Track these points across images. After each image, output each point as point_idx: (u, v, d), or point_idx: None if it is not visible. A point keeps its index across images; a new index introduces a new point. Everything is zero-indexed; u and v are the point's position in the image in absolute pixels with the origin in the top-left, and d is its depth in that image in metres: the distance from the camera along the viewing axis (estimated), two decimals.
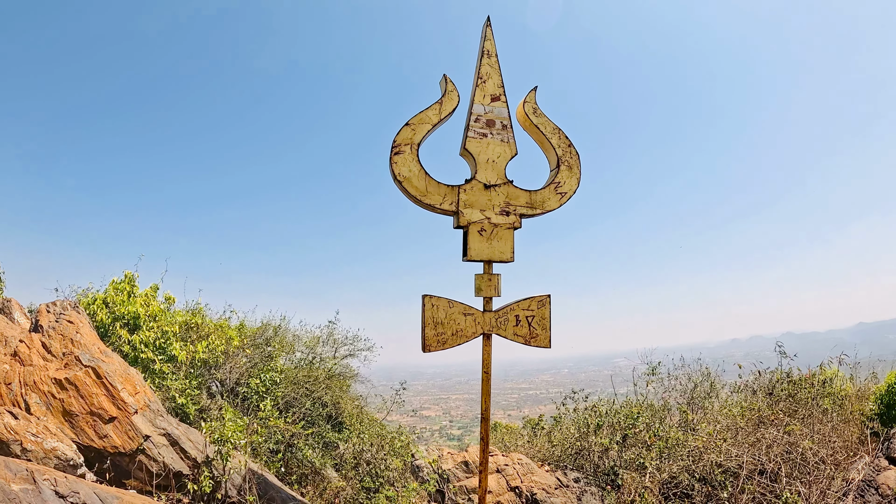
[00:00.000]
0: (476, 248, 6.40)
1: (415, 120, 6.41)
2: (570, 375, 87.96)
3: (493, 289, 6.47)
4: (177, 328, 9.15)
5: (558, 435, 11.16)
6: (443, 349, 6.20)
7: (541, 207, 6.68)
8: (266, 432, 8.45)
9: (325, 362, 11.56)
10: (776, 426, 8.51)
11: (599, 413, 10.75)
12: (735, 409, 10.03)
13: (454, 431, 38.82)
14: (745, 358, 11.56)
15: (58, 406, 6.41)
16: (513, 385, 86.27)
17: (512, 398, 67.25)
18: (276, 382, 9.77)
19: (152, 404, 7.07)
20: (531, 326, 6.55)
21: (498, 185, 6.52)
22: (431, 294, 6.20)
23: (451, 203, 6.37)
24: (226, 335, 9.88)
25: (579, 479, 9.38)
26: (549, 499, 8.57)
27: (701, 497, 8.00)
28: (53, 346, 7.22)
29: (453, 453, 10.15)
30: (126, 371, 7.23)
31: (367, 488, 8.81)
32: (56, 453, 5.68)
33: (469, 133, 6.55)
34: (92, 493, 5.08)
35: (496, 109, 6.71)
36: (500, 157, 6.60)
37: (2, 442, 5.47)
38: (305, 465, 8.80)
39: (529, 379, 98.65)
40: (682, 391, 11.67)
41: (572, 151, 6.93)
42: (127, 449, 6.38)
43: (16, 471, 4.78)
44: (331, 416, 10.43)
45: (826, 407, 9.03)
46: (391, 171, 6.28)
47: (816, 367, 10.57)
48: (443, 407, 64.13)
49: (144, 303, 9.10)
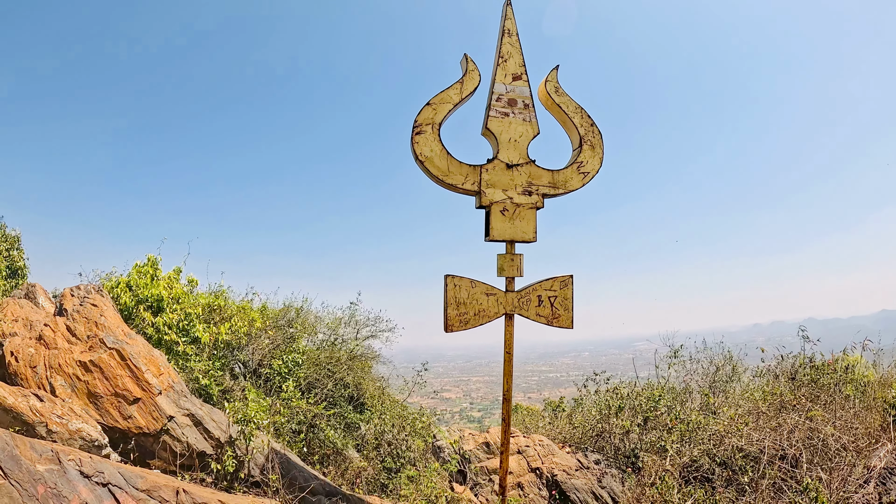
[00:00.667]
0: (498, 228, 6.36)
1: (436, 99, 6.36)
2: (590, 359, 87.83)
3: (516, 269, 6.43)
4: (200, 310, 9.21)
5: (579, 417, 11.15)
6: (465, 329, 6.19)
7: (563, 187, 6.62)
8: (288, 413, 8.51)
9: (346, 343, 11.59)
10: (798, 411, 8.42)
11: (621, 395, 10.72)
12: (757, 393, 9.94)
13: (474, 413, 38.95)
14: (766, 343, 11.45)
15: (83, 388, 6.48)
16: (533, 367, 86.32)
17: (532, 381, 67.33)
18: (298, 364, 9.82)
19: (176, 385, 7.13)
20: (553, 307, 6.51)
21: (520, 165, 6.46)
22: (454, 274, 6.19)
23: (473, 183, 6.33)
24: (248, 317, 9.93)
25: (600, 461, 9.37)
26: (569, 480, 8.57)
27: (721, 481, 7.95)
28: (78, 329, 7.30)
29: (474, 434, 10.18)
30: (150, 353, 7.30)
31: (389, 469, 8.86)
32: (81, 434, 5.75)
33: (491, 112, 6.50)
34: (116, 473, 5.14)
35: (518, 88, 6.64)
36: (523, 137, 6.54)
37: (27, 424, 5.55)
38: (327, 446, 8.85)
39: (549, 362, 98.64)
40: (704, 374, 11.60)
41: (595, 131, 6.85)
42: (151, 429, 6.45)
43: (41, 451, 4.84)
44: (352, 398, 10.48)
45: (848, 393, 8.92)
46: (412, 150, 6.25)
47: (840, 352, 10.43)
48: (463, 389, 64.36)
49: (168, 285, 9.16)
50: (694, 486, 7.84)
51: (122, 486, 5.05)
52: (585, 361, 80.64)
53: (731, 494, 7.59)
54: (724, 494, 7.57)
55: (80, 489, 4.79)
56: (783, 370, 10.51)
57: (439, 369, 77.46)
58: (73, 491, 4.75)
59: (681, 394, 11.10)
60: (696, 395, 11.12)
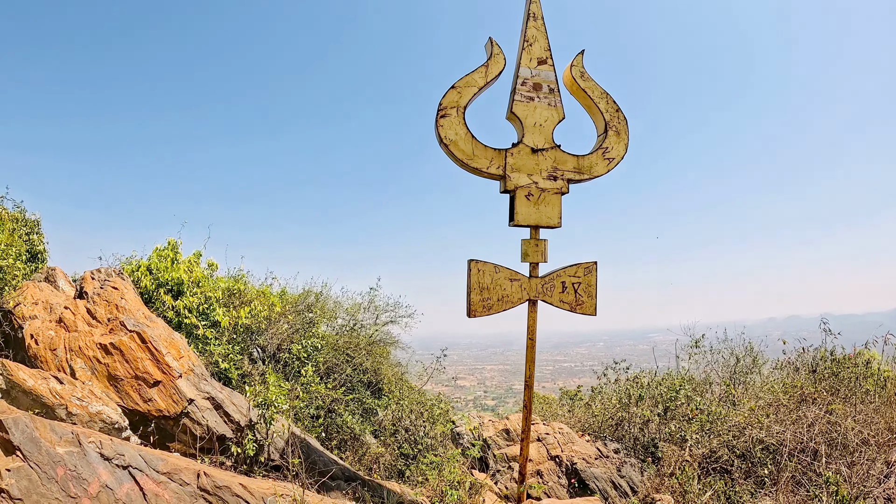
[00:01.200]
0: (523, 212, 6.30)
1: (461, 83, 6.30)
2: (605, 349, 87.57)
3: (540, 254, 6.38)
4: (220, 294, 9.23)
5: (599, 405, 11.10)
6: (488, 315, 6.14)
7: (588, 173, 6.55)
8: (307, 398, 8.52)
9: (365, 329, 11.59)
10: (818, 405, 8.33)
11: (641, 384, 10.65)
12: (777, 385, 9.84)
13: (488, 402, 38.99)
14: (782, 337, 11.34)
15: (103, 371, 6.50)
16: (548, 357, 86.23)
17: (547, 370, 67.25)
18: (317, 348, 9.83)
19: (196, 368, 7.14)
20: (577, 293, 6.46)
21: (545, 150, 6.39)
22: (478, 259, 6.13)
23: (497, 167, 6.27)
24: (268, 301, 9.95)
25: (619, 450, 9.31)
26: (588, 468, 8.52)
27: (740, 473, 7.89)
28: (98, 311, 7.32)
29: (494, 421, 10.16)
30: (170, 336, 7.31)
31: (406, 455, 8.86)
32: (101, 417, 5.76)
33: (516, 96, 6.43)
34: (137, 455, 5.14)
35: (543, 73, 6.56)
36: (548, 121, 6.47)
37: (47, 406, 5.56)
38: (345, 431, 8.86)
39: (564, 351, 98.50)
40: (725, 365, 11.51)
41: (620, 116, 6.77)
42: (171, 412, 6.47)
43: (61, 434, 4.85)
44: (371, 383, 10.49)
45: (868, 388, 8.82)
46: (437, 134, 6.19)
47: (861, 345, 10.32)
48: (478, 377, 64.45)
49: (188, 269, 9.18)
50: (713, 477, 7.78)
51: (142, 469, 5.06)
52: (600, 352, 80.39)
53: (750, 486, 7.53)
54: (744, 486, 7.51)
55: (100, 471, 4.80)
56: (804, 363, 10.41)
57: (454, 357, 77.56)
58: (93, 473, 4.75)
59: (701, 384, 11.02)
60: (715, 386, 11.04)
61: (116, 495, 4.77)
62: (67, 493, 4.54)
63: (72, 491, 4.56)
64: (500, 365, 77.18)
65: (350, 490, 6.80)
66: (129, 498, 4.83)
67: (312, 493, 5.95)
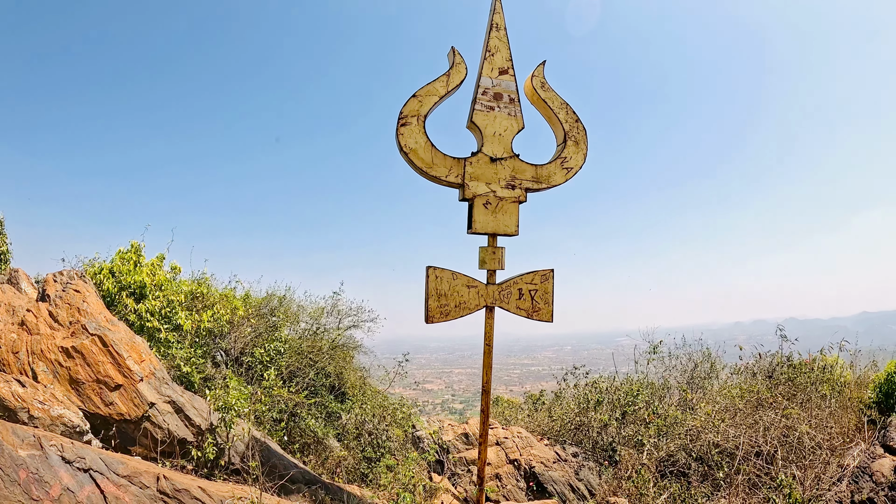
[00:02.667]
0: (481, 220, 6.42)
1: (422, 92, 6.40)
2: (572, 353, 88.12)
3: (497, 262, 6.50)
4: (182, 297, 9.20)
5: (558, 410, 11.26)
6: (446, 321, 6.25)
7: (546, 182, 6.69)
8: (270, 401, 8.54)
9: (329, 333, 11.61)
10: (774, 409, 8.56)
11: (600, 389, 10.84)
12: (734, 390, 10.09)
13: (456, 405, 39.03)
14: (747, 341, 11.62)
15: (64, 374, 6.47)
16: (515, 361, 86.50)
17: (514, 374, 67.48)
18: (280, 352, 9.84)
19: (157, 372, 7.13)
20: (534, 300, 6.59)
21: (504, 159, 6.52)
22: (435, 266, 6.24)
23: (456, 175, 6.39)
24: (231, 305, 9.93)
25: (578, 454, 9.47)
26: (547, 472, 8.67)
27: (697, 476, 8.08)
28: (60, 314, 7.27)
29: (454, 425, 10.26)
30: (132, 339, 7.29)
31: (369, 458, 8.91)
32: (63, 420, 5.75)
33: (476, 106, 6.55)
34: (98, 459, 5.16)
35: (504, 83, 6.69)
36: (507, 131, 6.60)
37: (9, 409, 5.54)
38: (308, 435, 8.89)
39: (532, 355, 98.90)
40: (683, 371, 11.76)
41: (579, 127, 6.92)
42: (132, 416, 6.46)
43: (23, 437, 4.86)
44: (334, 387, 10.51)
45: (825, 393, 9.08)
46: (397, 142, 6.29)
47: (818, 352, 10.61)
48: (445, 381, 64.42)
49: (151, 272, 9.13)
50: (670, 480, 7.96)
51: (103, 472, 5.08)
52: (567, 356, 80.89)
53: (706, 489, 7.72)
54: (700, 489, 7.69)
55: (62, 475, 4.81)
56: (761, 368, 10.68)
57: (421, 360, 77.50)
58: (55, 476, 4.77)
59: (659, 389, 11.25)
60: (674, 390, 11.27)
61: (77, 498, 4.79)
62: (30, 495, 4.55)
63: (34, 494, 4.57)
64: (468, 368, 77.26)
65: (310, 493, 6.85)
66: (90, 501, 4.85)
67: (271, 496, 6.00)
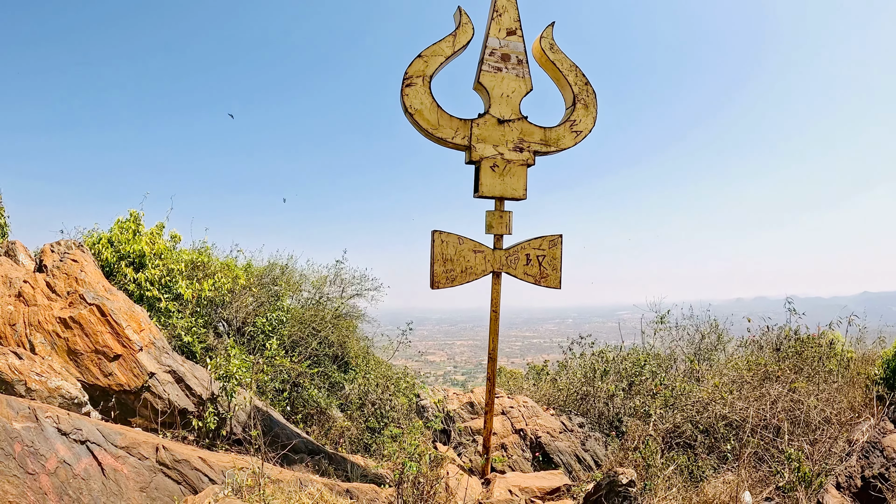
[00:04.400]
0: (488, 184, 6.27)
1: (427, 52, 6.22)
2: (574, 326, 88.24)
3: (505, 226, 6.37)
4: (183, 266, 9.06)
5: (564, 379, 11.18)
6: (451, 286, 6.13)
7: (555, 145, 6.52)
8: (272, 371, 8.45)
9: (331, 302, 11.50)
10: (781, 382, 8.46)
11: (606, 359, 10.74)
12: (741, 362, 9.98)
13: (458, 377, 39.16)
14: (748, 317, 11.50)
15: (62, 345, 6.37)
16: (517, 333, 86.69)
17: (515, 346, 67.63)
18: (282, 322, 9.73)
19: (157, 342, 7.02)
20: (541, 266, 6.46)
21: (512, 121, 6.35)
22: (441, 230, 6.09)
23: (463, 137, 6.23)
24: (232, 274, 9.81)
25: (584, 425, 9.40)
26: (553, 442, 8.59)
27: (703, 448, 8.00)
28: (58, 285, 7.14)
29: (459, 394, 10.18)
30: (131, 309, 7.17)
31: (372, 429, 8.84)
32: (60, 392, 5.65)
33: (483, 67, 6.38)
34: (95, 430, 5.06)
35: (512, 44, 6.50)
36: (515, 93, 6.43)
37: (6, 382, 5.45)
38: (311, 405, 8.82)
39: (534, 328, 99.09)
40: (690, 342, 11.65)
41: (589, 90, 6.74)
42: (132, 386, 6.36)
43: (18, 409, 4.75)
44: (337, 357, 10.43)
45: (831, 368, 8.98)
46: (402, 103, 6.14)
47: (826, 326, 10.50)
48: (448, 352, 64.63)
49: (150, 241, 8.99)
50: (676, 451, 7.88)
51: (100, 444, 4.98)
52: (569, 328, 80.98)
53: (712, 461, 7.64)
54: (707, 461, 7.61)
55: (58, 447, 4.72)
56: (768, 341, 10.56)
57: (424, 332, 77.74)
58: (51, 449, 4.67)
59: (666, 360, 11.16)
60: (680, 362, 11.18)
61: (74, 471, 4.70)
62: (25, 469, 4.45)
63: (29, 467, 4.48)
64: (470, 340, 77.51)
65: (313, 463, 6.77)
66: (87, 473, 4.76)
67: (274, 466, 5.91)
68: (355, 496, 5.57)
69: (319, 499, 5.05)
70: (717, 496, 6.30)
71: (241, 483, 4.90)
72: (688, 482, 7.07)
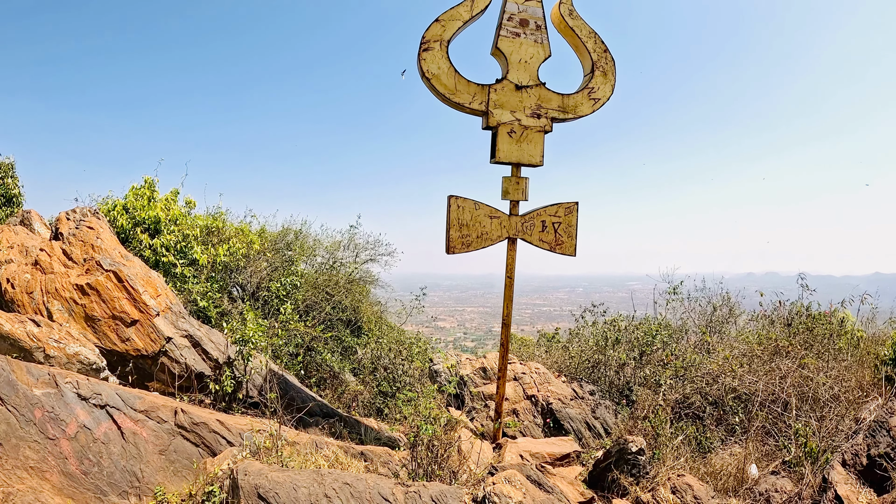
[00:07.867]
0: (505, 149, 6.25)
1: (445, 16, 6.15)
2: (584, 294, 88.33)
3: (521, 192, 6.36)
4: (198, 232, 9.10)
5: (576, 347, 11.23)
6: (467, 251, 6.15)
7: (573, 112, 6.48)
8: (286, 335, 8.51)
9: (345, 267, 11.55)
10: (791, 358, 8.45)
11: (618, 328, 10.77)
12: (752, 336, 9.98)
13: (468, 343, 39.41)
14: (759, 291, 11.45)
15: (80, 312, 6.43)
16: (527, 301, 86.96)
17: (526, 313, 67.90)
18: (296, 286, 9.79)
19: (174, 306, 7.08)
20: (557, 233, 6.46)
21: (530, 87, 6.31)
22: (458, 195, 6.09)
23: (480, 102, 6.19)
24: (247, 239, 9.84)
25: (594, 392, 9.46)
26: (564, 409, 8.66)
27: (712, 420, 8.05)
28: (74, 252, 7.19)
29: (471, 359, 10.25)
30: (147, 274, 7.22)
31: (385, 393, 8.93)
32: (79, 358, 5.72)
33: (501, 32, 6.31)
34: (114, 394, 5.13)
35: (530, 9, 6.42)
36: (533, 58, 6.37)
37: (25, 350, 5.51)
38: (324, 369, 8.90)
39: (544, 295, 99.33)
40: (702, 314, 11.65)
41: (608, 57, 6.66)
42: (149, 351, 6.43)
43: (37, 375, 4.81)
44: (350, 321, 10.50)
45: (841, 346, 8.96)
46: (419, 67, 6.10)
47: (838, 304, 10.45)
48: (458, 319, 65.01)
49: (165, 207, 9.02)
50: (685, 422, 7.93)
51: (119, 408, 5.05)
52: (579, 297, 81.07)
53: (720, 433, 7.69)
54: (715, 433, 7.66)
55: (78, 412, 4.79)
56: (779, 316, 10.54)
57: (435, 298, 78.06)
58: (71, 414, 4.74)
59: (677, 331, 11.17)
60: (691, 333, 11.19)
61: (94, 435, 4.78)
62: (46, 434, 4.53)
63: (50, 432, 4.56)
64: (480, 307, 77.82)
65: (328, 426, 6.86)
66: (107, 437, 4.84)
67: (290, 428, 6.00)
68: (369, 458, 5.65)
69: (335, 460, 5.13)
70: (724, 468, 6.36)
71: (259, 445, 4.98)
72: (695, 453, 7.13)
